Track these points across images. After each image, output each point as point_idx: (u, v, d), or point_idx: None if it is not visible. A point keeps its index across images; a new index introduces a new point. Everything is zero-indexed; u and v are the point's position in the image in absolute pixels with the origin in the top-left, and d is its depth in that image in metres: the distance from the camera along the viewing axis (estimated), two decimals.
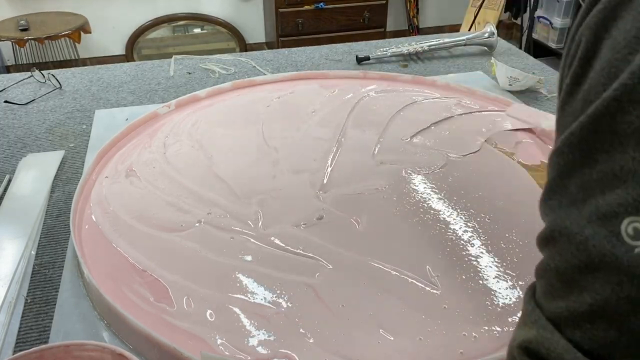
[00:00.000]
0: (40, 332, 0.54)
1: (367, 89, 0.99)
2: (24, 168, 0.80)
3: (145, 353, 0.51)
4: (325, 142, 0.83)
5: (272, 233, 0.64)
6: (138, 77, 1.10)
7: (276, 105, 0.94)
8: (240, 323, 0.53)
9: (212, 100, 0.97)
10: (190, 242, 0.63)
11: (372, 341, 0.51)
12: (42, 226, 0.68)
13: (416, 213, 0.68)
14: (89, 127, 0.91)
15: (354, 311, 0.54)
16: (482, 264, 0.60)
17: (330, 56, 1.19)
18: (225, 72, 1.11)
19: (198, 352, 0.47)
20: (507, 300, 0.55)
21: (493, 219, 0.67)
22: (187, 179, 0.75)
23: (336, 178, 0.75)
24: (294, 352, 0.50)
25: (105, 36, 3.08)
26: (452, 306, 0.55)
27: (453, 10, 3.49)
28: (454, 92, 0.98)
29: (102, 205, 0.70)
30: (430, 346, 0.51)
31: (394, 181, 0.74)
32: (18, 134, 0.90)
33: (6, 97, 1.02)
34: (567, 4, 2.87)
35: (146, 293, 0.57)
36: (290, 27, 2.97)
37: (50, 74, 1.07)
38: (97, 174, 0.76)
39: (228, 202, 0.70)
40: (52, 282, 0.60)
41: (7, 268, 0.61)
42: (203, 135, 0.85)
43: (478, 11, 2.90)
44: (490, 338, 0.51)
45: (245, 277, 0.58)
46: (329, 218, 0.67)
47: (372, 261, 0.60)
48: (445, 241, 0.63)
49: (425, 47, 1.17)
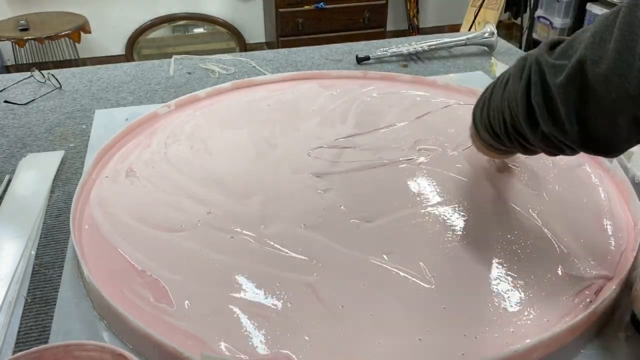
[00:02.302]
0: (40, 332, 0.54)
1: (367, 89, 0.99)
2: (24, 168, 0.80)
3: (145, 353, 0.51)
4: (325, 142, 0.83)
5: (272, 233, 0.64)
6: (138, 77, 1.10)
7: (276, 105, 0.94)
8: (240, 323, 0.53)
9: (212, 100, 0.97)
10: (190, 242, 0.63)
11: (372, 341, 0.51)
12: (42, 226, 0.68)
13: (418, 213, 0.68)
14: (88, 127, 0.91)
15: (354, 311, 0.54)
16: (483, 264, 0.60)
17: (330, 56, 1.19)
18: (225, 72, 1.11)
19: (198, 352, 0.47)
20: (508, 301, 0.55)
21: (494, 219, 0.67)
22: (187, 179, 0.75)
23: (336, 178, 0.75)
24: (294, 352, 0.50)
25: (105, 36, 3.07)
26: (452, 307, 0.55)
27: (453, 10, 3.49)
28: (454, 92, 0.98)
29: (102, 205, 0.70)
30: (430, 347, 0.50)
31: (394, 181, 0.74)
32: (18, 134, 0.90)
33: (6, 97, 1.02)
34: (567, 4, 2.87)
35: (146, 293, 0.57)
36: (290, 27, 2.97)
37: (50, 74, 1.07)
38: (97, 174, 0.76)
39: (228, 202, 0.70)
40: (52, 282, 0.60)
41: (7, 268, 0.61)
42: (203, 135, 0.85)
43: (478, 11, 2.90)
44: (491, 339, 0.51)
45: (245, 277, 0.58)
46: (330, 218, 0.67)
47: (372, 261, 0.60)
48: (446, 242, 0.63)
49: (425, 47, 1.17)
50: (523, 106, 0.52)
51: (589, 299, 0.55)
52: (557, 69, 0.48)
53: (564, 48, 0.49)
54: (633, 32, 0.41)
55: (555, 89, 0.48)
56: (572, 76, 0.46)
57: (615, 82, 0.42)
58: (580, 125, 0.47)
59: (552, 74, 0.48)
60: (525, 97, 0.51)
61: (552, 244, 0.62)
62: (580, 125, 0.47)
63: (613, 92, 0.43)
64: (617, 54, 0.42)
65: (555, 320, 0.53)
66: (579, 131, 0.48)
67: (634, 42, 0.40)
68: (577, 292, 0.56)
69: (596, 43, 0.44)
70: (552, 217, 0.66)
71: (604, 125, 0.46)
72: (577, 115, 0.47)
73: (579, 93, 0.46)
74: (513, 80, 0.54)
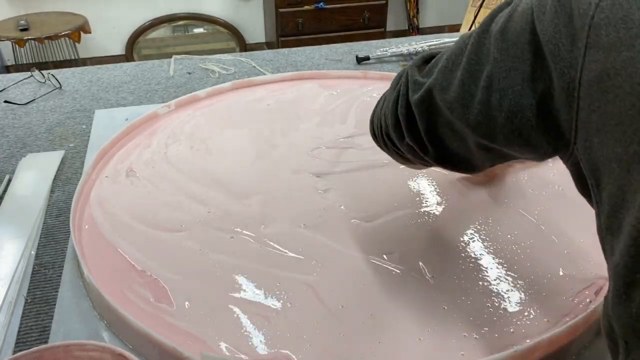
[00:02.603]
0: (40, 332, 0.54)
1: (367, 89, 0.99)
2: (24, 168, 0.80)
3: (145, 353, 0.51)
4: (325, 142, 0.83)
5: (272, 233, 0.64)
6: (138, 77, 1.10)
7: (276, 105, 0.94)
8: (240, 323, 0.53)
9: (212, 100, 0.97)
10: (190, 242, 0.63)
11: (372, 341, 0.51)
12: (42, 226, 0.68)
13: (418, 213, 0.68)
14: (88, 127, 0.91)
15: (354, 311, 0.54)
16: (483, 264, 0.60)
17: (330, 56, 1.19)
18: (225, 72, 1.11)
19: (198, 352, 0.47)
20: (508, 301, 0.55)
21: (494, 219, 0.67)
22: (187, 178, 0.75)
23: (336, 178, 0.75)
24: (294, 352, 0.50)
25: (105, 36, 3.08)
26: (452, 307, 0.55)
27: (453, 10, 3.49)
28: None
29: (102, 205, 0.70)
30: (430, 347, 0.51)
31: (394, 181, 0.74)
32: (18, 134, 0.90)
33: (6, 97, 1.02)
34: None
35: (146, 293, 0.57)
36: (290, 27, 2.97)
37: (50, 74, 1.07)
38: (97, 174, 0.76)
39: (228, 202, 0.70)
40: (52, 282, 0.60)
41: (7, 268, 0.61)
42: (203, 135, 0.85)
43: (478, 11, 2.89)
44: (491, 339, 0.51)
45: (245, 277, 0.58)
46: (329, 218, 0.67)
47: (372, 261, 0.60)
48: (445, 241, 0.63)
49: (425, 47, 1.17)
50: (392, 116, 0.50)
51: (589, 299, 0.55)
52: (417, 86, 0.46)
53: (431, 65, 0.46)
54: (479, 61, 0.39)
55: (413, 106, 0.46)
56: (424, 97, 0.45)
57: (457, 111, 0.41)
58: (437, 143, 0.46)
59: (412, 90, 0.47)
60: (394, 108, 0.50)
61: (552, 244, 0.62)
62: (436, 143, 0.47)
63: (456, 119, 0.42)
64: (462, 82, 0.40)
65: (555, 320, 0.53)
66: (435, 149, 0.47)
67: (479, 72, 0.39)
68: (577, 292, 0.56)
69: (448, 68, 0.42)
70: (552, 217, 0.66)
71: (459, 145, 0.45)
72: (434, 134, 0.46)
73: (431, 114, 0.45)
74: (390, 90, 0.52)
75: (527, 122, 0.37)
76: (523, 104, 0.36)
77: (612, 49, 0.29)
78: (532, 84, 0.35)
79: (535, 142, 0.38)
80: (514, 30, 0.36)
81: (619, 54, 0.29)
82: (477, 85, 0.39)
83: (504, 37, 0.37)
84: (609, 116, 0.30)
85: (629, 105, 0.28)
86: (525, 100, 0.36)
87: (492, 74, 0.38)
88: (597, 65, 0.30)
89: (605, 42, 0.29)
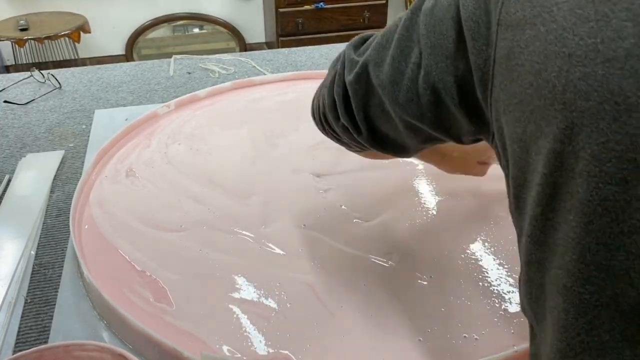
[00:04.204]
0: (40, 332, 0.54)
1: None
2: (24, 168, 0.80)
3: (145, 353, 0.51)
4: (325, 142, 0.83)
5: (271, 233, 0.64)
6: (138, 77, 1.10)
7: (276, 105, 0.94)
8: (240, 323, 0.53)
9: (212, 100, 0.97)
10: (190, 242, 0.63)
11: (372, 342, 0.51)
12: (42, 226, 0.68)
13: (418, 213, 0.68)
14: (88, 127, 0.91)
15: (354, 311, 0.54)
16: (483, 265, 0.60)
17: (330, 56, 1.19)
18: (225, 72, 1.11)
19: (198, 352, 0.47)
20: (508, 302, 0.55)
21: (495, 219, 0.67)
22: (187, 179, 0.75)
23: (336, 178, 0.75)
24: (294, 352, 0.50)
25: (105, 36, 3.07)
26: (452, 307, 0.55)
27: None
28: None
29: (101, 205, 0.70)
30: (430, 347, 0.50)
31: (394, 181, 0.74)
32: (18, 134, 0.90)
33: (6, 97, 1.02)
34: None
35: (146, 293, 0.56)
36: (290, 27, 2.97)
37: (49, 74, 1.07)
38: (97, 174, 0.76)
39: (228, 202, 0.70)
40: (52, 282, 0.60)
41: (7, 268, 0.61)
42: (203, 135, 0.85)
43: None
44: (491, 340, 0.51)
45: (245, 277, 0.58)
46: (330, 218, 0.67)
47: (372, 261, 0.60)
48: (446, 242, 0.63)
49: None
50: (329, 96, 0.49)
51: None
52: (352, 64, 0.45)
53: (367, 44, 0.46)
54: (410, 38, 0.39)
55: (347, 85, 0.46)
56: (358, 75, 0.44)
57: (388, 89, 0.41)
58: (369, 124, 0.46)
59: (348, 68, 0.46)
60: (331, 88, 0.49)
61: None
62: (369, 123, 0.46)
63: (387, 97, 0.41)
64: (392, 59, 0.40)
65: None
66: (367, 130, 0.46)
67: (409, 48, 0.39)
68: None
69: (382, 44, 0.42)
70: None
71: (388, 127, 0.45)
72: (366, 114, 0.46)
73: (364, 94, 0.44)
74: (329, 69, 0.52)
75: (451, 101, 0.36)
76: (446, 81, 0.36)
77: (518, 26, 0.29)
78: (455, 62, 0.35)
79: (459, 123, 0.38)
80: (441, 7, 0.36)
81: (523, 32, 0.29)
82: (407, 63, 0.39)
83: (432, 13, 0.37)
84: (512, 95, 0.30)
85: (528, 84, 0.28)
86: (448, 78, 0.36)
87: (420, 52, 0.38)
88: (506, 43, 0.30)
89: (514, 20, 0.29)
